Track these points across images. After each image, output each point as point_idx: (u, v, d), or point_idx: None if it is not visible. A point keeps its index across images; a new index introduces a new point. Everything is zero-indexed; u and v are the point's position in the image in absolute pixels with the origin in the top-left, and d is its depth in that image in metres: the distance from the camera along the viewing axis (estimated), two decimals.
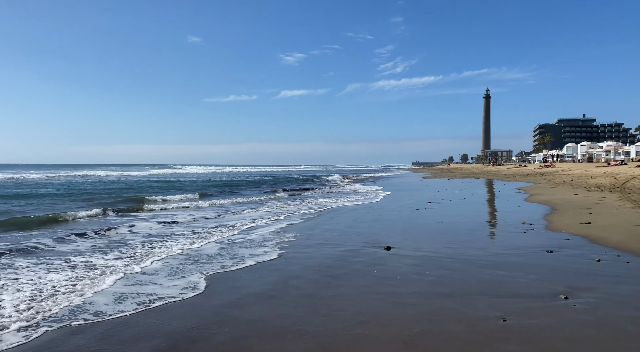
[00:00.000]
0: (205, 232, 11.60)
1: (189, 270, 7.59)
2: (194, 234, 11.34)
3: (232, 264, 7.98)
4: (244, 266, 7.87)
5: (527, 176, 41.31)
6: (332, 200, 21.59)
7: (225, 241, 10.42)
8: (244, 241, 10.33)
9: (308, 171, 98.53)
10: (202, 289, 6.45)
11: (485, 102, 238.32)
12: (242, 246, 9.77)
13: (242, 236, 11.02)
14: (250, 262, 8.16)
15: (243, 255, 8.76)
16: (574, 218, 12.18)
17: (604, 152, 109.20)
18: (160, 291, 6.36)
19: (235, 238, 10.74)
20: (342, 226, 12.61)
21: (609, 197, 16.95)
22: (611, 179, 26.80)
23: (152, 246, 9.79)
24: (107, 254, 8.86)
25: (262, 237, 10.81)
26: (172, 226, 12.97)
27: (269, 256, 8.66)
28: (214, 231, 11.87)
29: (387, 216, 14.85)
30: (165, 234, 11.49)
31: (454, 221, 13.20)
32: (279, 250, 9.23)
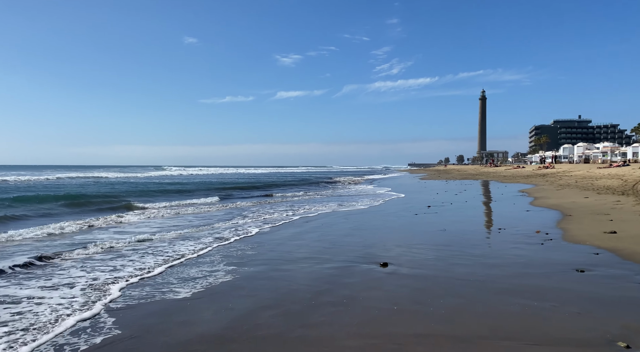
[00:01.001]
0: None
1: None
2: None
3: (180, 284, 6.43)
4: (198, 289, 6.34)
5: (528, 177, 39.93)
6: (323, 205, 20.07)
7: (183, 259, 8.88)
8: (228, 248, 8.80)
9: (308, 173, 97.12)
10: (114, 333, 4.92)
11: (481, 103, 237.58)
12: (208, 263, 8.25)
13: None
14: (208, 281, 6.64)
15: (215, 271, 7.23)
16: (595, 226, 10.71)
17: (600, 153, 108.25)
18: None
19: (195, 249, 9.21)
20: (333, 235, 11.11)
21: (624, 201, 15.51)
22: (618, 180, 25.42)
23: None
24: None
25: (226, 251, 9.29)
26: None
27: (228, 277, 7.14)
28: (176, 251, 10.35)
29: (384, 222, 13.35)
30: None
31: (458, 228, 11.71)
32: (249, 268, 7.70)
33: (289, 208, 18.03)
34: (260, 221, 14.04)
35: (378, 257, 8.35)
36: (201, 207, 18.74)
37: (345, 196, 25.59)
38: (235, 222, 13.64)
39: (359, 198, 23.26)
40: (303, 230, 12.12)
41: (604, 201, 15.84)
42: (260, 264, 8.08)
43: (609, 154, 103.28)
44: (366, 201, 21.03)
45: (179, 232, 11.68)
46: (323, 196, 25.71)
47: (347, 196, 25.57)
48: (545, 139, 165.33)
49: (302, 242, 10.32)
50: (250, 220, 14.24)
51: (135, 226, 13.20)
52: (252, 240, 10.51)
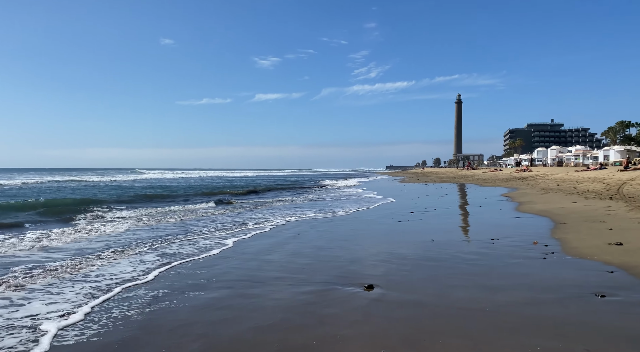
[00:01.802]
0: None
1: None
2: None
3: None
4: (129, 330, 5.01)
5: (507, 180, 39.45)
6: (302, 211, 18.81)
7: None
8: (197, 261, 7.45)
9: (291, 176, 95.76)
10: None
11: (457, 107, 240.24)
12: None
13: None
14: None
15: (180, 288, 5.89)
16: (595, 236, 9.74)
17: (573, 157, 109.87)
18: None
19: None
20: (312, 247, 9.86)
21: (615, 206, 14.72)
22: (600, 184, 24.89)
23: None
24: None
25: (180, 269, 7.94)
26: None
27: (176, 307, 5.82)
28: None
29: (365, 232, 12.17)
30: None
31: (447, 239, 10.61)
32: (207, 292, 6.39)
33: (265, 215, 16.70)
34: (231, 231, 12.69)
35: (362, 277, 7.15)
36: (163, 214, 17.25)
37: (326, 200, 24.38)
38: (201, 233, 12.25)
39: (340, 203, 22.08)
40: (278, 241, 10.84)
41: (594, 207, 15.03)
42: (222, 287, 6.77)
43: (581, 157, 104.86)
44: (347, 206, 19.85)
45: (132, 250, 10.26)
46: (303, 201, 24.45)
47: (328, 200, 24.36)
48: (520, 142, 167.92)
49: (276, 256, 9.05)
50: (219, 230, 12.87)
51: (87, 241, 11.69)
52: (218, 255, 9.18)
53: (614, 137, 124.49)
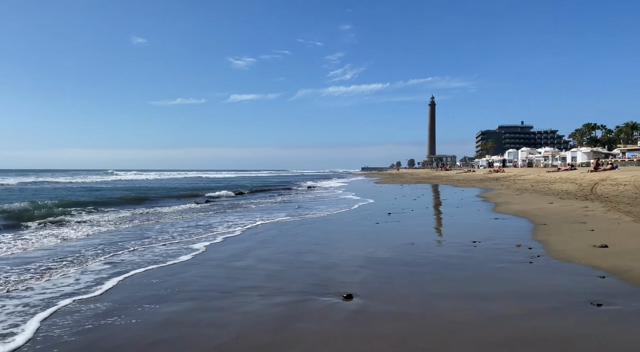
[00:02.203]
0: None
1: None
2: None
3: None
4: None
5: (482, 181, 39.61)
6: (278, 212, 18.12)
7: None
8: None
9: (268, 177, 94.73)
10: None
11: (431, 109, 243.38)
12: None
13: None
14: None
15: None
16: (579, 238, 9.42)
17: (542, 158, 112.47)
18: None
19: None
20: (288, 252, 9.22)
21: (592, 206, 14.58)
22: (573, 184, 25.05)
23: None
24: None
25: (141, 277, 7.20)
26: None
27: (128, 323, 5.11)
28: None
29: (343, 234, 11.60)
30: None
31: (427, 241, 10.14)
32: (168, 306, 5.68)
33: (240, 217, 15.95)
34: (202, 235, 11.92)
35: (340, 285, 6.57)
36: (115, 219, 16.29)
37: (303, 201, 23.74)
38: (169, 238, 11.45)
39: (317, 204, 21.48)
40: (251, 246, 10.15)
41: (571, 207, 14.86)
42: (185, 298, 6.07)
43: (550, 159, 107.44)
44: (324, 208, 19.27)
45: (86, 258, 9.40)
46: (280, 202, 23.74)
47: (305, 201, 23.73)
48: (491, 144, 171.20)
49: (248, 262, 8.37)
50: (189, 234, 12.08)
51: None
52: (184, 261, 8.43)
53: (581, 139, 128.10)
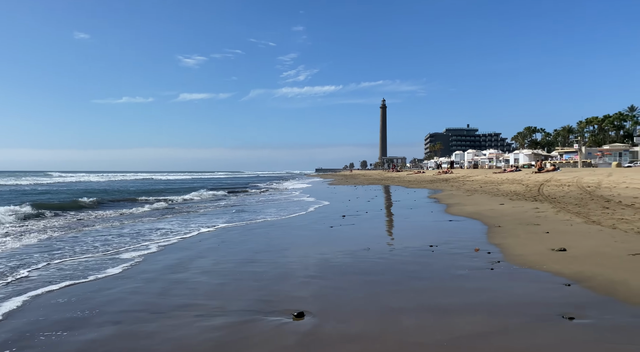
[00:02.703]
0: None
1: None
2: None
3: None
4: None
5: (432, 182, 40.08)
6: (225, 217, 17.10)
7: None
8: None
9: (222, 179, 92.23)
10: None
11: (382, 111, 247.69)
12: None
13: None
14: None
15: None
16: (535, 241, 9.16)
17: (487, 159, 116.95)
18: None
19: None
20: (232, 262, 8.34)
21: (542, 207, 14.64)
22: (520, 185, 25.59)
23: None
24: None
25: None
26: None
27: None
28: None
29: (295, 240, 10.84)
30: None
31: (383, 246, 9.57)
32: (84, 333, 4.70)
33: (188, 222, 14.81)
34: (139, 243, 10.78)
35: (290, 300, 5.81)
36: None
37: (255, 204, 22.75)
38: (99, 247, 10.24)
39: (270, 207, 20.58)
40: (194, 254, 9.18)
41: (522, 208, 14.87)
42: (107, 322, 5.10)
43: (494, 160, 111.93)
44: (277, 211, 18.42)
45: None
46: (231, 205, 22.63)
47: (257, 204, 22.75)
48: (439, 146, 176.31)
49: (187, 275, 7.43)
50: (124, 243, 10.90)
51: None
52: (113, 274, 7.37)
53: (522, 141, 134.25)
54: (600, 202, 14.79)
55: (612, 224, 10.40)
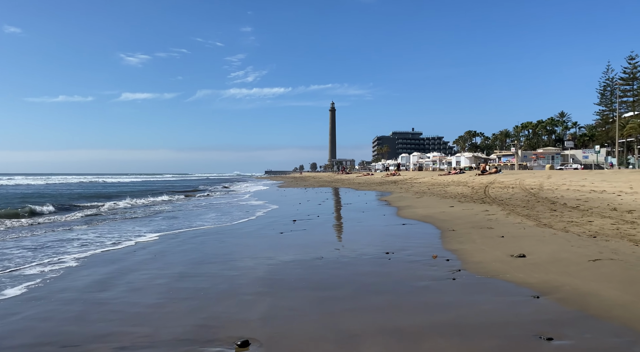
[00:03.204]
0: None
1: None
2: None
3: None
4: None
5: (381, 184, 40.16)
6: (164, 223, 15.84)
7: None
8: None
9: (167, 182, 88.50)
10: None
11: (331, 114, 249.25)
12: None
13: None
14: None
15: None
16: (493, 246, 8.80)
17: (431, 162, 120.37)
18: None
19: None
20: (166, 277, 7.31)
21: (492, 210, 14.57)
22: (466, 187, 25.91)
23: None
24: None
25: None
26: None
27: None
28: None
29: (242, 249, 9.89)
30: None
31: (337, 254, 8.87)
32: None
33: (124, 229, 13.43)
34: (62, 254, 9.44)
35: (233, 324, 4.95)
36: None
37: (200, 208, 21.44)
38: (9, 259, 8.83)
39: (217, 212, 19.40)
40: (125, 267, 8.05)
41: (473, 211, 14.73)
42: None
43: (438, 163, 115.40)
44: (224, 216, 17.31)
45: None
46: (174, 210, 21.19)
47: (203, 209, 21.45)
48: (386, 149, 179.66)
49: (114, 293, 6.36)
50: (40, 255, 9.52)
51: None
52: (21, 295, 6.15)
53: (463, 144, 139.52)
54: (547, 205, 14.94)
55: (564, 227, 10.30)
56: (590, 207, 13.33)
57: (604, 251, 7.62)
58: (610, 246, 8.04)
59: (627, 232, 9.20)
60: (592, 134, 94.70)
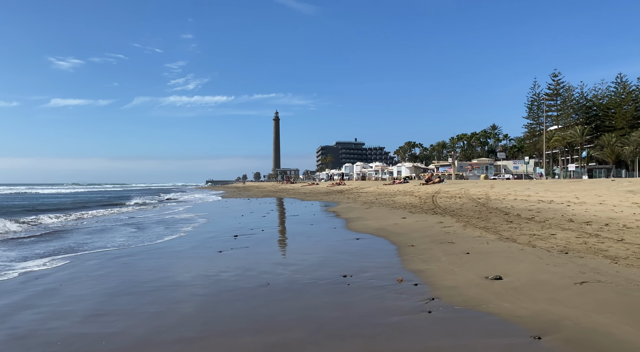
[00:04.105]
0: None
1: None
2: None
3: None
4: None
5: (328, 194, 39.12)
6: (80, 244, 13.68)
7: None
8: None
9: (98, 193, 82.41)
10: None
11: (275, 123, 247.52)
12: None
13: None
14: None
15: None
16: (461, 266, 7.77)
17: (374, 172, 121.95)
18: None
19: None
20: (66, 319, 5.54)
21: (446, 222, 13.76)
22: (413, 197, 25.39)
23: None
24: None
25: None
26: None
27: None
28: None
29: (168, 274, 8.18)
30: None
31: (286, 279, 7.46)
32: None
33: (33, 251, 11.16)
34: None
35: None
36: None
37: (125, 224, 19.12)
38: None
39: (143, 227, 17.26)
40: (14, 304, 6.15)
41: (427, 222, 13.86)
42: None
43: (380, 172, 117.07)
44: (153, 232, 15.30)
45: None
46: (94, 227, 18.75)
47: (131, 224, 19.15)
48: (330, 158, 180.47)
49: None
50: None
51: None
52: None
53: (404, 155, 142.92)
54: (500, 215, 14.40)
55: (528, 241, 9.54)
56: (546, 218, 12.85)
57: (584, 270, 6.79)
58: (587, 263, 7.25)
59: (597, 247, 8.54)
60: (521, 146, 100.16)
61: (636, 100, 75.70)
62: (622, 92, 77.87)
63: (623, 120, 74.96)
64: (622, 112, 75.63)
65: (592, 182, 26.13)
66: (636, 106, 75.40)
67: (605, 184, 22.07)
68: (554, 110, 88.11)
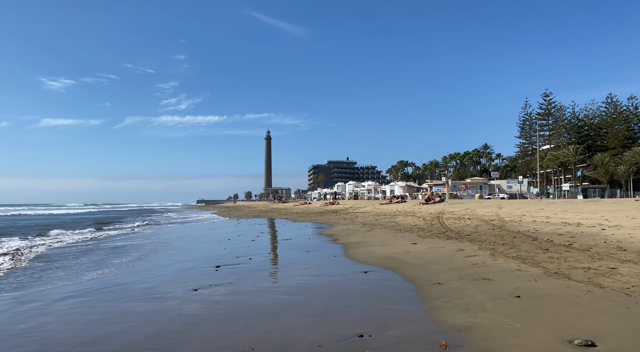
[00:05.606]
0: None
1: None
2: None
3: None
4: None
5: (322, 214, 36.83)
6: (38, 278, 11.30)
7: None
8: None
9: (82, 214, 79.37)
10: None
11: (267, 143, 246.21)
12: None
13: None
14: None
15: None
16: (523, 319, 5.60)
17: (366, 191, 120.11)
18: None
19: None
20: None
21: (468, 249, 11.60)
22: (415, 218, 23.25)
23: None
24: None
25: None
26: None
27: None
28: None
29: (124, 328, 5.88)
30: None
31: (281, 342, 5.23)
32: None
33: None
34: None
35: None
36: None
37: (101, 250, 16.72)
38: None
39: (114, 256, 14.90)
40: None
41: (444, 249, 11.70)
42: None
43: (373, 192, 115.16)
44: (121, 262, 12.96)
45: None
46: (53, 257, 16.35)
47: (103, 251, 16.74)
48: (322, 177, 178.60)
49: None
50: None
51: None
52: None
53: (396, 174, 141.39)
54: (529, 241, 12.28)
55: (588, 279, 7.41)
56: (588, 246, 10.78)
57: None
58: None
59: None
60: (514, 165, 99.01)
61: (627, 120, 75.16)
62: (613, 112, 77.44)
63: (615, 140, 74.20)
64: (614, 132, 74.96)
65: (613, 202, 24.22)
66: (628, 126, 74.82)
67: (629, 204, 20.17)
68: (545, 129, 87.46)
